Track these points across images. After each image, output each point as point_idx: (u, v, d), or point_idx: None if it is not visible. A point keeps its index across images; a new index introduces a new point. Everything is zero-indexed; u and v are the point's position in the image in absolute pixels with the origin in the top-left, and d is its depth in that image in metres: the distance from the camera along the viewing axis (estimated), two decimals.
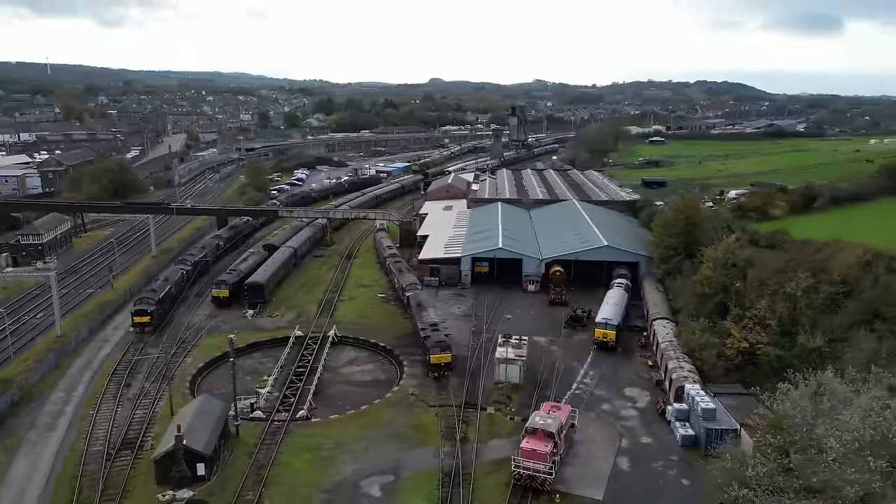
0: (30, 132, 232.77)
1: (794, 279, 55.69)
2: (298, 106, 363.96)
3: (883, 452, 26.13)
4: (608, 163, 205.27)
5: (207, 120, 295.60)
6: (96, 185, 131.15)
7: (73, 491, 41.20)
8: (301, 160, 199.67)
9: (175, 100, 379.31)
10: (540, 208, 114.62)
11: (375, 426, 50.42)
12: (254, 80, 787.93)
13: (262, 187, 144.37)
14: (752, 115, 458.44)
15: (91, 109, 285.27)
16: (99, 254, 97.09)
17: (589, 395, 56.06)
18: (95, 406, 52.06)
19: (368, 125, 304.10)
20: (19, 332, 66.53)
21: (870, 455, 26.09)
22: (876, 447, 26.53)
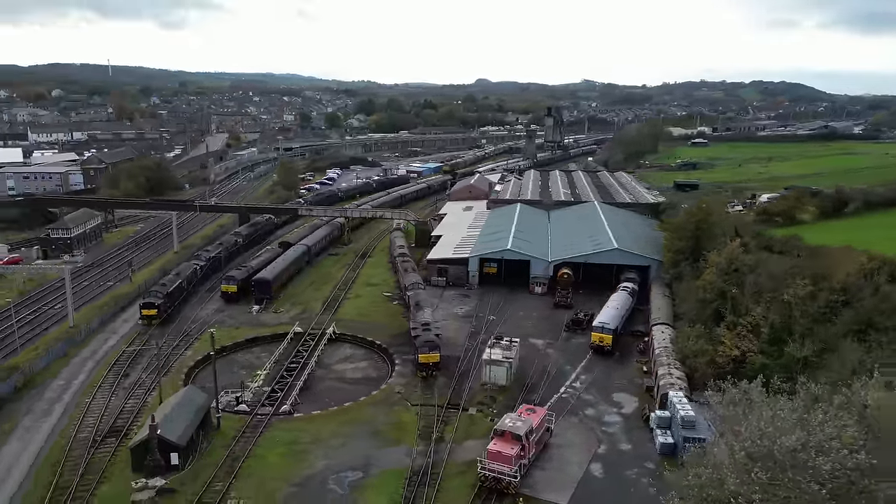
0: (82, 131, 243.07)
1: (792, 286, 53.81)
2: (341, 107, 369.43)
3: (770, 464, 25.07)
4: (644, 164, 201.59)
5: (251, 120, 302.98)
6: (133, 183, 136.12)
7: (54, 474, 43.05)
8: (336, 160, 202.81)
9: (223, 101, 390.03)
10: (560, 210, 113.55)
11: (355, 423, 50.96)
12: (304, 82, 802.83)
13: (291, 186, 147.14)
14: (808, 117, 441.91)
15: (141, 110, 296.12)
16: (125, 248, 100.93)
17: (575, 400, 55.33)
18: (91, 394, 54.20)
19: (407, 126, 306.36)
20: (36, 321, 69.73)
21: (757, 467, 25.09)
22: (766, 459, 25.50)
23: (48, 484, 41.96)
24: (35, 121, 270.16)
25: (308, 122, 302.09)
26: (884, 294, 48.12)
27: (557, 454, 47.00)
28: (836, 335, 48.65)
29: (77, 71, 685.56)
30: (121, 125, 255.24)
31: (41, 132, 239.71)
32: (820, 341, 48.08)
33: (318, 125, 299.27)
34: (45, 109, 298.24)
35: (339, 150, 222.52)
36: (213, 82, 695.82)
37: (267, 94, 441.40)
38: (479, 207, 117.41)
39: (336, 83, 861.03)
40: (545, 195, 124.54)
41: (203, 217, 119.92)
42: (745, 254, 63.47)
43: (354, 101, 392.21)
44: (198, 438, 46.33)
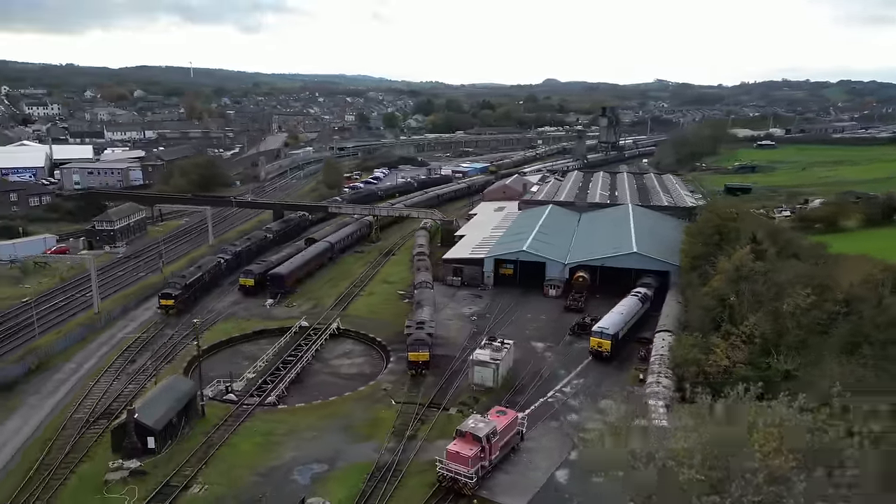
0: (154, 130, 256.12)
1: (792, 295, 51.06)
2: (401, 107, 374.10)
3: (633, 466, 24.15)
4: (699, 167, 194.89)
5: (313, 120, 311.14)
6: (185, 179, 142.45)
7: (41, 451, 45.94)
8: (386, 160, 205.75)
9: (289, 101, 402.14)
10: (592, 212, 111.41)
11: (333, 417, 51.90)
12: (373, 83, 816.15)
13: (334, 185, 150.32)
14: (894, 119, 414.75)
15: (210, 110, 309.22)
16: (166, 241, 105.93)
17: (560, 405, 54.40)
18: (97, 378, 57.38)
19: (463, 126, 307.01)
20: (68, 307, 74.30)
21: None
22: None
23: (34, 460, 44.80)
24: (113, 120, 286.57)
25: (366, 122, 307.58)
26: (885, 306, 44.97)
27: (526, 458, 46.40)
28: (832, 348, 45.90)
29: (161, 73, 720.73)
30: (189, 124, 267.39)
31: (116, 130, 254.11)
32: (812, 354, 45.41)
33: (377, 125, 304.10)
34: (124, 109, 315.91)
35: (391, 150, 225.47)
36: (285, 83, 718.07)
37: (332, 95, 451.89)
38: (511, 208, 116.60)
39: (405, 84, 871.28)
40: (581, 197, 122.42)
41: (245, 213, 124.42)
42: (755, 261, 60.48)
43: (415, 102, 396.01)
44: (179, 424, 48.32)
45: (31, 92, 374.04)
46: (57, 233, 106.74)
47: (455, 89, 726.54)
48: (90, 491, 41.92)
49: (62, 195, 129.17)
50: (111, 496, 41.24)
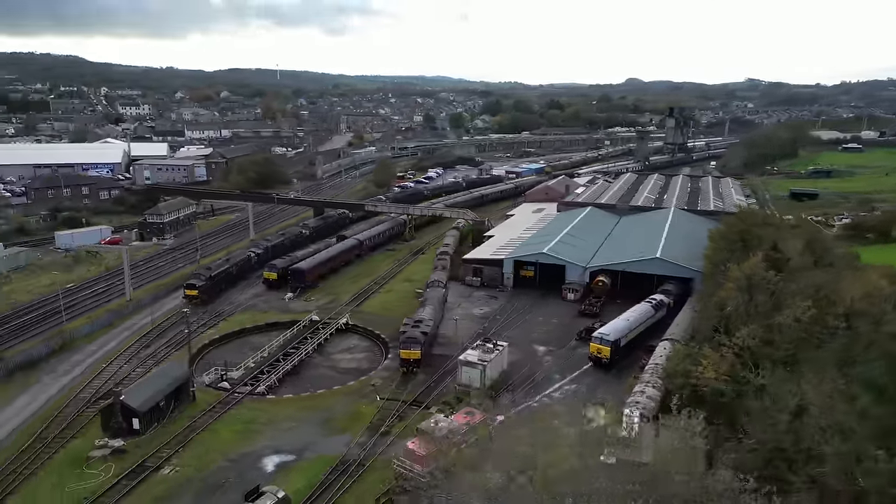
0: (230, 129, 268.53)
1: (791, 307, 48.00)
2: (469, 108, 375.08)
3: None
4: (770, 170, 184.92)
5: (381, 121, 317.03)
6: (242, 176, 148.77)
7: (40, 425, 49.49)
8: (443, 160, 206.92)
9: (362, 102, 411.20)
10: (632, 215, 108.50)
11: (315, 409, 53.10)
12: (451, 83, 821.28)
13: (384, 184, 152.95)
14: None
15: (284, 110, 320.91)
16: (214, 235, 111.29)
17: (544, 410, 53.33)
18: (110, 361, 61.11)
19: (530, 126, 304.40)
20: (106, 294, 79.41)
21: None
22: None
23: (32, 434, 48.32)
24: (195, 119, 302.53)
25: (432, 122, 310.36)
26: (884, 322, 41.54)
27: (488, 462, 45.78)
28: (826, 364, 42.83)
29: (251, 75, 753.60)
30: (263, 124, 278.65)
31: (196, 129, 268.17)
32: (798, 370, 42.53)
33: (443, 126, 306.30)
34: (207, 110, 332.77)
35: (451, 150, 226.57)
36: (365, 85, 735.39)
37: (405, 96, 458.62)
38: (550, 210, 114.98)
39: (483, 84, 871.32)
40: (625, 200, 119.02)
41: (293, 210, 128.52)
42: (768, 270, 57.08)
43: (484, 102, 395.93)
44: (167, 408, 50.80)
45: (127, 93, 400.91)
46: (118, 224, 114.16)
47: (532, 89, 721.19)
48: (72, 465, 44.81)
49: (129, 189, 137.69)
50: (89, 472, 43.93)
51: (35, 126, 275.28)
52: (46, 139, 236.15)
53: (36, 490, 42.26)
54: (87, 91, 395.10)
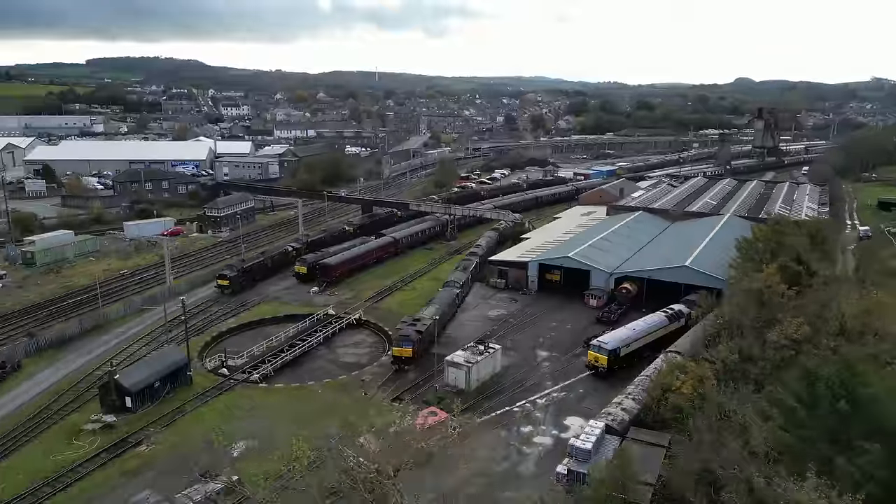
0: (316, 129, 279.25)
1: (784, 323, 44.57)
2: (555, 108, 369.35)
3: None
4: (867, 177, 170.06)
5: (463, 121, 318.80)
6: (309, 174, 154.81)
7: (51, 398, 54.08)
8: (515, 161, 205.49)
9: (447, 103, 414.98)
10: (683, 221, 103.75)
11: (299, 400, 54.69)
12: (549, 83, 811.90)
13: (443, 184, 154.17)
14: None
15: (370, 111, 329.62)
16: (268, 230, 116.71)
17: (523, 416, 52.37)
18: (131, 343, 65.70)
19: (615, 127, 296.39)
20: (153, 280, 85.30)
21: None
22: None
23: (39, 406, 52.92)
24: (287, 120, 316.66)
25: (512, 123, 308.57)
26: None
27: (448, 462, 45.54)
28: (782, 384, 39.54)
29: (352, 77, 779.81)
30: (347, 125, 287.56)
31: (285, 129, 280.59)
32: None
33: (525, 126, 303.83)
34: (299, 110, 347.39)
35: (525, 151, 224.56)
36: (460, 86, 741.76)
37: (493, 97, 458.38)
38: (600, 213, 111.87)
39: (581, 84, 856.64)
40: (682, 205, 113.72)
41: (349, 208, 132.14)
42: (780, 283, 53.12)
43: (570, 102, 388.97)
44: (162, 389, 54.05)
45: (231, 95, 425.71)
46: (188, 217, 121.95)
47: (629, 89, 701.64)
48: (65, 436, 48.72)
49: (203, 184, 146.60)
50: (76, 443, 47.61)
51: (146, 125, 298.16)
52: (154, 137, 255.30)
53: (27, 456, 46.31)
54: (196, 93, 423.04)
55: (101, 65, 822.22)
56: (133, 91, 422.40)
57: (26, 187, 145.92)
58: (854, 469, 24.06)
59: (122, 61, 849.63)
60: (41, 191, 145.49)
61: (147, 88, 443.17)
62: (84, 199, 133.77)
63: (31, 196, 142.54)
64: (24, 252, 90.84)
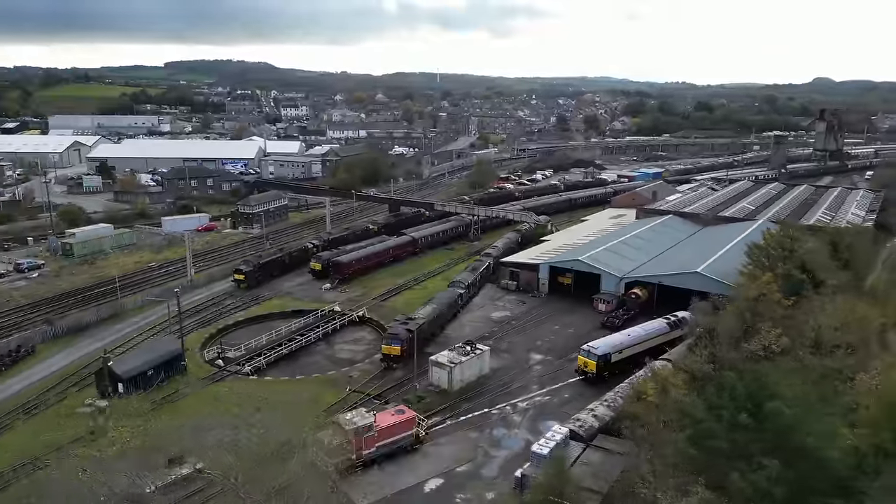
0: (367, 129, 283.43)
1: (762, 333, 42.46)
2: (611, 109, 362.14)
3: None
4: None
5: (515, 122, 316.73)
6: (348, 173, 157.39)
7: (57, 380, 57.16)
8: (561, 162, 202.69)
9: (502, 104, 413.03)
10: (714, 227, 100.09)
11: (285, 393, 55.75)
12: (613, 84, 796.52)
13: (480, 184, 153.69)
14: None
15: (422, 112, 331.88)
16: (299, 227, 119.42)
17: (500, 419, 51.78)
18: (142, 332, 68.60)
19: (671, 129, 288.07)
20: (177, 273, 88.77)
21: None
22: None
23: (43, 388, 56.00)
24: (342, 120, 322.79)
25: (564, 123, 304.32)
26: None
27: (409, 461, 45.70)
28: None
29: (414, 79, 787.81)
30: (398, 125, 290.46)
31: (337, 130, 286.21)
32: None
33: (578, 127, 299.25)
34: (355, 111, 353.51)
35: (573, 153, 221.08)
36: (521, 86, 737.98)
37: (551, 98, 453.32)
38: (629, 216, 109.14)
39: (647, 85, 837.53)
40: (717, 209, 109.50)
41: (381, 207, 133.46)
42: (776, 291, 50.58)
43: (627, 103, 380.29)
44: (155, 377, 56.22)
45: (292, 96, 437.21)
46: (227, 213, 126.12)
47: (698, 90, 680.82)
48: (60, 417, 51.41)
49: (246, 182, 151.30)
50: (65, 424, 50.12)
51: (209, 125, 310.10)
52: (215, 136, 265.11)
53: (19, 435, 49.14)
54: (259, 94, 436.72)
55: (178, 67, 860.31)
56: (200, 92, 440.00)
57: (84, 183, 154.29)
58: (745, 485, 22.66)
59: (198, 64, 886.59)
60: (97, 186, 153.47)
61: (213, 90, 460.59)
62: (134, 195, 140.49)
63: (87, 191, 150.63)
64: (64, 244, 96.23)
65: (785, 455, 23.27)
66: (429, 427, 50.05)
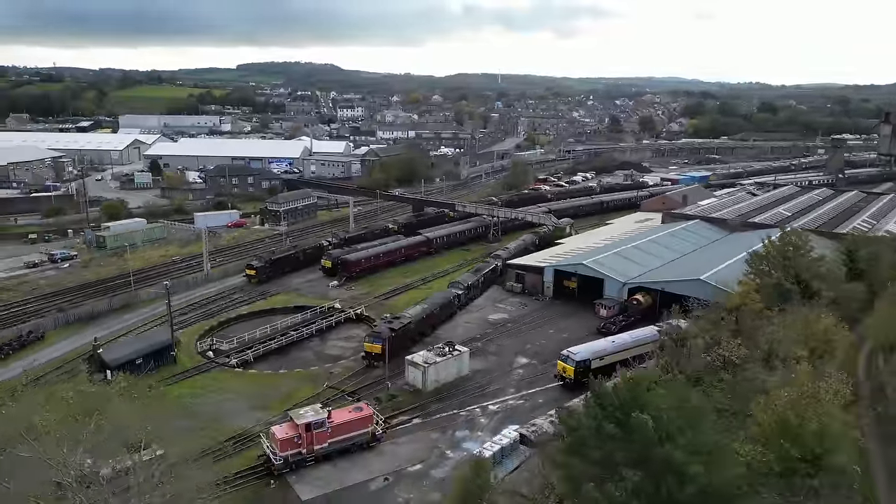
0: (416, 130, 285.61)
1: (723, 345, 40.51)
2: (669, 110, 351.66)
3: None
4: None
5: (567, 123, 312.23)
6: (384, 173, 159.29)
7: (62, 362, 60.26)
8: (606, 164, 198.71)
9: (557, 104, 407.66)
10: (741, 233, 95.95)
11: (264, 386, 57.03)
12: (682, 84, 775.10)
13: (514, 185, 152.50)
14: None
15: (473, 112, 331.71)
16: (326, 225, 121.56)
17: (466, 421, 51.30)
18: (146, 322, 71.40)
19: (731, 131, 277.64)
20: (195, 268, 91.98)
21: None
22: None
23: (50, 367, 59.14)
24: (394, 121, 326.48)
25: (617, 124, 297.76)
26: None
27: (364, 459, 45.87)
28: None
29: (476, 79, 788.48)
30: (447, 126, 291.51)
31: (387, 130, 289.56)
32: None
33: (632, 129, 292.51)
34: (408, 112, 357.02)
35: (620, 154, 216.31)
36: (583, 87, 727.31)
37: (610, 98, 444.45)
38: (655, 220, 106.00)
39: (718, 85, 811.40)
40: (747, 215, 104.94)
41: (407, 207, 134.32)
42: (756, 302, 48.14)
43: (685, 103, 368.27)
44: (144, 365, 58.42)
45: (350, 97, 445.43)
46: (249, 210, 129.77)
47: (772, 90, 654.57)
48: (47, 401, 54.06)
49: (282, 180, 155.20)
50: (52, 406, 52.70)
51: (267, 125, 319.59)
52: (271, 136, 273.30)
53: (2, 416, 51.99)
54: (319, 95, 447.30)
55: (249, 69, 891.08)
56: (262, 93, 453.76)
57: (135, 179, 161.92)
58: (600, 496, 21.55)
59: (268, 66, 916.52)
60: (147, 183, 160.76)
61: (275, 91, 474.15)
62: (179, 191, 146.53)
63: (138, 187, 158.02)
64: (98, 236, 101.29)
65: (651, 468, 22.06)
66: (391, 426, 50.18)
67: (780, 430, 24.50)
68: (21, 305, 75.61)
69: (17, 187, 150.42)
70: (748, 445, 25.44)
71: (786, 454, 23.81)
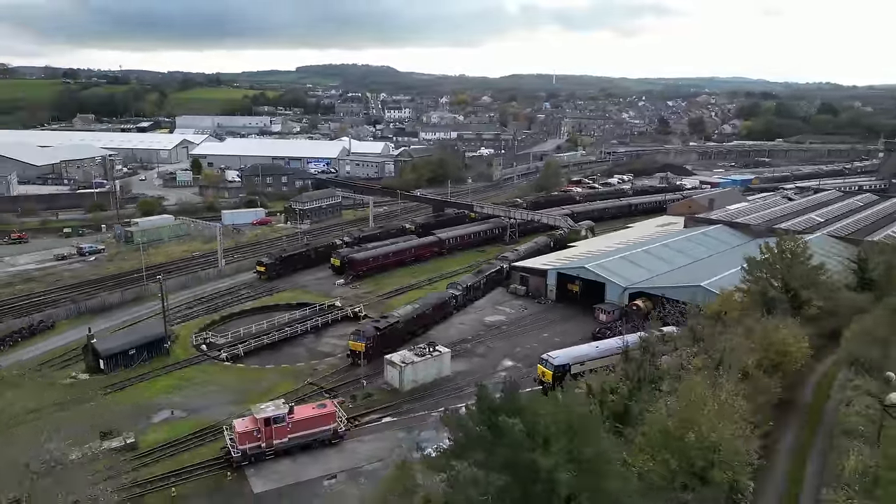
0: (459, 131, 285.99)
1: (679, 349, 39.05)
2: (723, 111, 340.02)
3: None
4: None
5: (614, 124, 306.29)
6: (415, 174, 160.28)
7: (63, 352, 63.04)
8: (647, 166, 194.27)
9: (606, 105, 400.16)
10: (762, 238, 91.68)
11: (248, 380, 58.19)
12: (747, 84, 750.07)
13: (545, 187, 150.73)
14: None
15: (517, 114, 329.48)
16: (348, 224, 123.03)
17: (436, 421, 50.90)
18: (153, 315, 73.85)
19: (788, 133, 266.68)
20: (212, 263, 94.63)
21: None
22: None
23: (52, 353, 62.00)
24: (439, 122, 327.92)
25: (665, 125, 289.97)
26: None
27: (324, 455, 46.24)
28: None
29: (530, 80, 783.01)
30: (490, 127, 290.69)
31: (429, 131, 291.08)
32: None
33: (681, 130, 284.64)
34: (454, 113, 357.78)
35: (663, 157, 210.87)
36: (642, 87, 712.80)
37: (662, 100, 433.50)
38: (678, 225, 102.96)
39: (784, 85, 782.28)
40: (776, 220, 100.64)
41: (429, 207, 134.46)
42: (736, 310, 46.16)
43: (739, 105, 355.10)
44: (137, 356, 60.51)
45: (399, 98, 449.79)
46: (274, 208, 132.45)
47: (842, 90, 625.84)
48: (44, 387, 56.71)
49: (316, 179, 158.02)
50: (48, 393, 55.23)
51: (316, 125, 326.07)
52: (318, 137, 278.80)
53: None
54: (369, 96, 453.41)
55: (308, 71, 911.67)
56: (314, 94, 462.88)
57: (177, 178, 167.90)
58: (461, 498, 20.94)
59: (326, 68, 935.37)
60: (188, 181, 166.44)
61: (326, 92, 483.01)
62: (216, 189, 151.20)
63: (180, 185, 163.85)
64: (126, 232, 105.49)
65: (519, 473, 21.33)
66: (360, 423, 50.41)
67: (662, 441, 23.35)
68: (42, 295, 79.39)
69: (67, 184, 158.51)
70: (644, 455, 24.39)
71: (666, 466, 22.66)
